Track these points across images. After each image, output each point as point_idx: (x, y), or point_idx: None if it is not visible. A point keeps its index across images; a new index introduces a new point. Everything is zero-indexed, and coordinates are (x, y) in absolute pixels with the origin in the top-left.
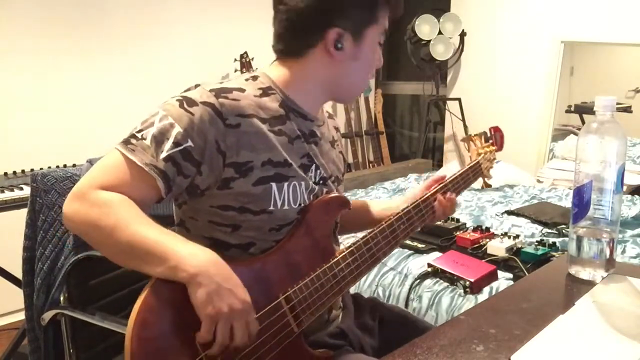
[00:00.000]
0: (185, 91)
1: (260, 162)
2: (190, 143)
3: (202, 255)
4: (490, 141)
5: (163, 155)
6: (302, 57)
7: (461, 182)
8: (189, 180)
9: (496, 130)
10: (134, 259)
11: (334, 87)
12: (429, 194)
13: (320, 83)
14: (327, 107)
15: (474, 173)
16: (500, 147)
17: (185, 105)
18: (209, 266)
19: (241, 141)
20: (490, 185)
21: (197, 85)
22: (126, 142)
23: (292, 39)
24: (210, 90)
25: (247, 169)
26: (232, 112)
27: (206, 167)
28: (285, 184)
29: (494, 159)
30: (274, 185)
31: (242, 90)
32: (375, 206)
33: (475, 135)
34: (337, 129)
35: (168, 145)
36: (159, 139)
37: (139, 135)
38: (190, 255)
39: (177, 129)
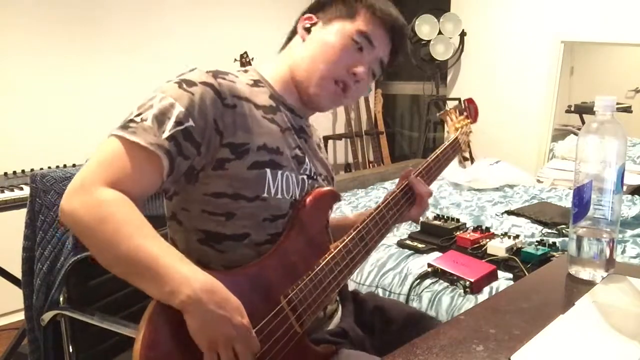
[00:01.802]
0: (181, 74)
1: (255, 146)
2: (191, 123)
3: (197, 281)
4: (465, 114)
5: (166, 134)
6: (287, 48)
7: (442, 160)
8: (189, 162)
9: (470, 102)
10: (130, 273)
11: (297, 72)
12: (414, 175)
13: (293, 71)
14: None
15: (453, 149)
16: (474, 120)
17: (185, 86)
18: (201, 294)
19: (237, 122)
20: (467, 159)
21: (192, 69)
22: (125, 126)
23: (289, 34)
24: (208, 72)
25: (243, 151)
26: (230, 92)
27: (204, 148)
28: (279, 172)
29: (470, 132)
30: (268, 171)
31: (235, 76)
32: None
33: (451, 108)
34: (320, 139)
35: (170, 124)
36: (160, 119)
37: (137, 118)
38: (185, 281)
39: (178, 108)
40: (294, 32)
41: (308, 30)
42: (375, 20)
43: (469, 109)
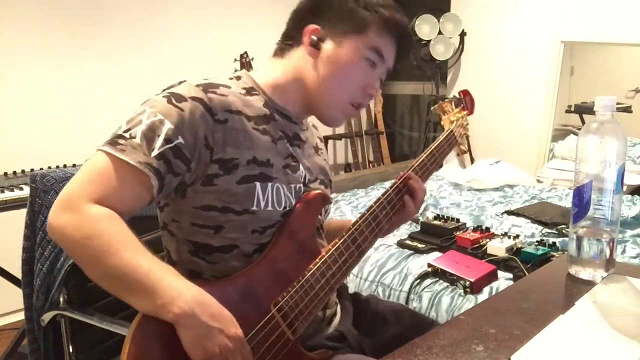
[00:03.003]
0: (170, 87)
1: (245, 160)
2: (181, 140)
3: (189, 294)
4: (462, 105)
5: (155, 152)
6: (287, 57)
7: (437, 155)
8: (179, 178)
9: (465, 93)
10: (119, 287)
11: (308, 91)
12: (406, 174)
13: (301, 86)
14: None
15: (448, 143)
16: (471, 111)
17: (174, 101)
18: (195, 307)
19: (227, 137)
20: (465, 152)
21: (181, 82)
22: (113, 143)
23: (283, 38)
24: (197, 85)
25: (232, 167)
26: (221, 107)
27: (195, 164)
28: (269, 184)
29: (467, 124)
30: (258, 184)
31: (227, 87)
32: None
33: (446, 100)
34: (320, 139)
35: (159, 142)
36: (149, 136)
37: (126, 134)
38: (177, 295)
39: (167, 125)
40: (291, 38)
41: (316, 46)
42: (385, 31)
43: (465, 101)
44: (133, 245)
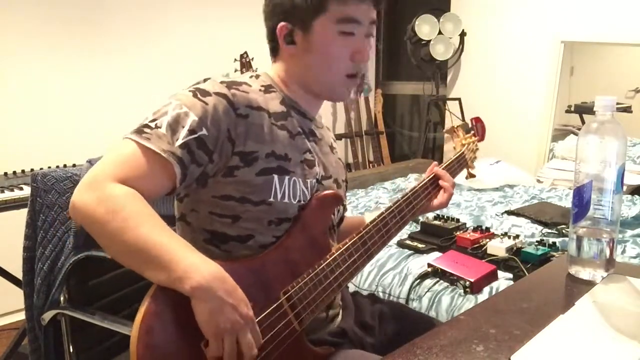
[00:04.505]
0: (196, 84)
1: (264, 154)
2: (204, 132)
3: (207, 269)
4: (472, 132)
5: (179, 142)
6: (277, 58)
7: (449, 173)
8: (201, 169)
9: (477, 120)
10: (138, 261)
11: (306, 82)
12: (418, 187)
13: (296, 81)
14: (327, 105)
15: (459, 164)
16: (482, 138)
17: (199, 96)
18: (212, 281)
19: (249, 131)
20: (474, 176)
21: (206, 79)
22: (139, 131)
23: (268, 42)
24: (222, 82)
25: (252, 159)
26: (243, 102)
27: (217, 156)
28: (287, 178)
29: (477, 149)
30: (275, 177)
31: (249, 85)
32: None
33: (457, 126)
34: (334, 139)
35: (183, 132)
36: (174, 127)
37: (152, 124)
38: (195, 268)
39: (192, 117)
40: (272, 39)
41: (291, 41)
42: None
43: (477, 128)
44: (153, 221)
